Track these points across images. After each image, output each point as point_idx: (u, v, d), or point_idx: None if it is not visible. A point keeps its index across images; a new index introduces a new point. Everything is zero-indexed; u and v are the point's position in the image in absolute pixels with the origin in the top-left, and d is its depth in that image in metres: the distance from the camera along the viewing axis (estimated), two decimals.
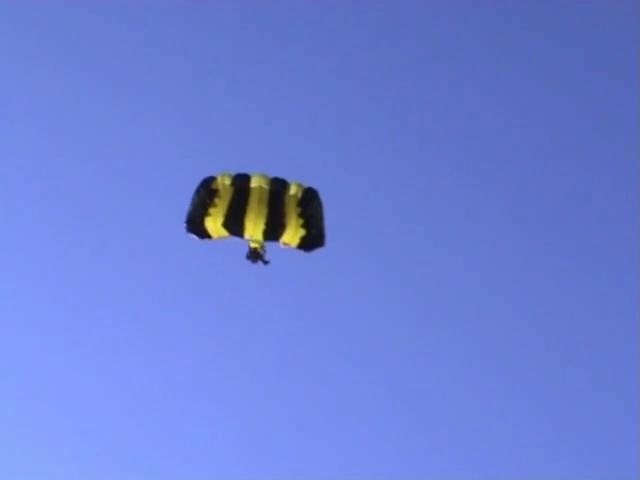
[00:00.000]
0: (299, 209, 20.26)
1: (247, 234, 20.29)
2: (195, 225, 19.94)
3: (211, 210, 19.90)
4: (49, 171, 32.26)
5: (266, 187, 20.43)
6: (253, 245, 20.38)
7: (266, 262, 20.32)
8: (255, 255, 20.51)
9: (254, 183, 20.61)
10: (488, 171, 32.64)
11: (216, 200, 20.06)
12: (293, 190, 20.49)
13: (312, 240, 20.49)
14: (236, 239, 20.38)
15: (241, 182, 20.46)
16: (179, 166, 30.58)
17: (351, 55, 33.13)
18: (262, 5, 32.94)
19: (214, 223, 19.96)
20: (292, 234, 20.49)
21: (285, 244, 20.61)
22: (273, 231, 20.27)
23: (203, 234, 20.08)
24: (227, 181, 20.47)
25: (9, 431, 30.13)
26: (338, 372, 30.56)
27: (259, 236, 19.94)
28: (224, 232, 20.29)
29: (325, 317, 31.02)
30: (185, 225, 19.84)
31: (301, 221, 20.47)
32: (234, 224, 20.15)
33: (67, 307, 31.40)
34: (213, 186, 20.31)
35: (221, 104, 32.66)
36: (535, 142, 32.29)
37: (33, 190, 31.92)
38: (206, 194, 20.21)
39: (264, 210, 19.66)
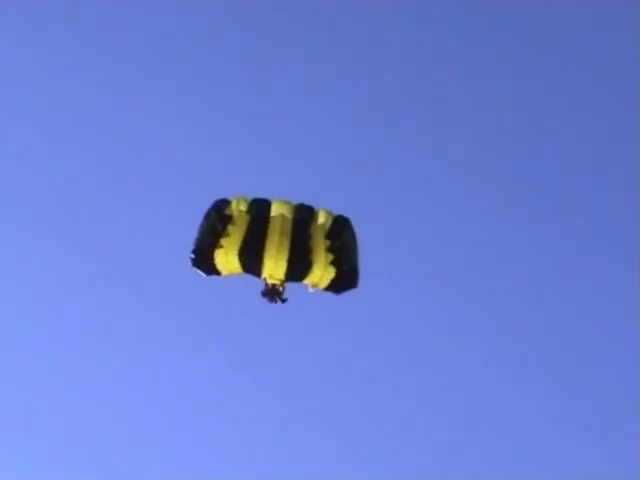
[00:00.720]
0: (328, 242, 16.89)
1: (266, 273, 16.93)
2: (203, 257, 16.74)
3: (223, 241, 16.62)
4: (53, 180, 31.10)
5: (289, 216, 17.03)
6: (271, 282, 17.12)
7: (284, 300, 17.09)
8: (273, 293, 17.18)
9: (275, 211, 17.16)
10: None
11: (229, 228, 16.74)
12: (321, 219, 17.08)
13: (344, 280, 17.11)
14: (250, 277, 17.00)
15: (259, 209, 17.11)
16: (189, 184, 29.06)
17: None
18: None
19: (225, 256, 16.65)
20: (320, 273, 17.00)
21: (312, 286, 17.39)
22: (297, 270, 16.89)
23: (211, 269, 16.82)
24: (243, 207, 17.05)
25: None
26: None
27: (280, 275, 16.73)
28: (237, 268, 16.92)
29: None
30: (192, 257, 16.72)
31: (331, 257, 17.00)
32: (250, 260, 16.74)
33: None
34: (227, 211, 16.96)
35: (239, 122, 31.00)
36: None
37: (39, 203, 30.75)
38: (217, 220, 16.91)
39: (286, 244, 16.55)
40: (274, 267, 16.71)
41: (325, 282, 17.02)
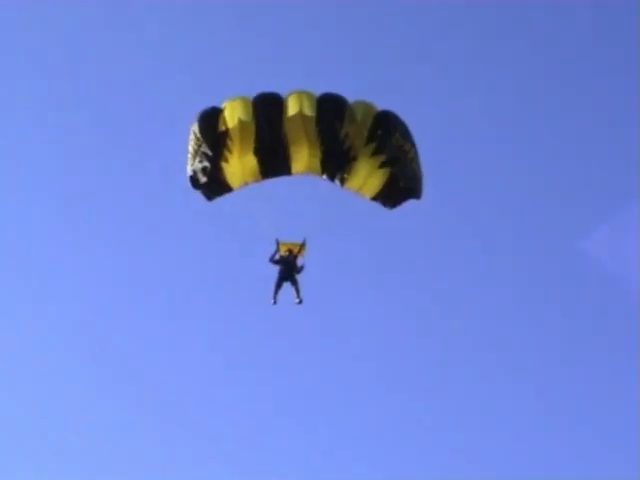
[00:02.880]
0: (373, 145, 13.89)
1: (297, 167, 13.98)
2: (204, 177, 14.18)
3: (226, 154, 13.89)
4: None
5: (311, 114, 13.93)
6: (284, 249, 14.87)
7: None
8: (285, 262, 14.84)
9: (292, 109, 14.03)
10: None
11: (230, 145, 13.93)
12: (359, 115, 14.07)
13: (404, 185, 13.95)
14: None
15: (268, 111, 14.01)
16: None
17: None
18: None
19: (239, 160, 13.90)
20: (365, 174, 13.99)
21: (358, 191, 14.11)
22: (336, 163, 13.81)
23: (217, 186, 14.14)
24: (243, 113, 13.93)
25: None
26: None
27: (316, 169, 13.94)
28: (254, 173, 14.07)
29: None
30: (190, 178, 14.29)
31: (377, 158, 13.88)
32: (272, 155, 13.89)
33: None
34: (219, 127, 14.01)
35: None
36: None
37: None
38: (208, 143, 14.00)
39: (315, 140, 13.82)
40: (307, 160, 13.85)
41: (374, 188, 14.10)
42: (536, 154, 29.59)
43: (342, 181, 13.75)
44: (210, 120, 13.86)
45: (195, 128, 13.92)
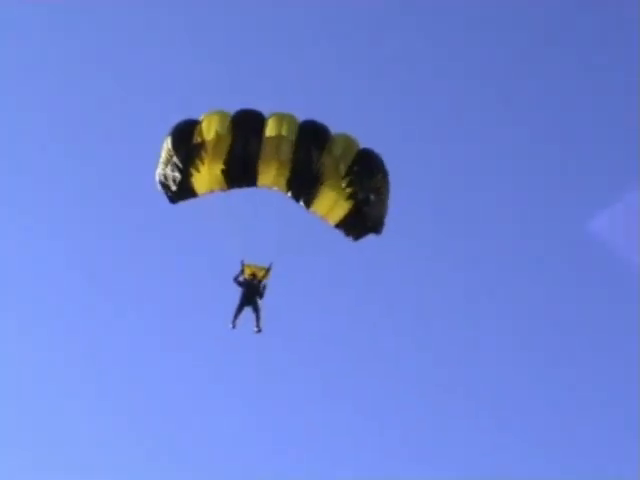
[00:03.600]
0: (347, 179, 13.88)
1: (263, 180, 13.98)
2: (171, 185, 14.25)
3: (197, 163, 13.99)
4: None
5: (290, 137, 13.94)
6: (249, 272, 14.62)
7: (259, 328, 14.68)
8: (248, 286, 14.59)
9: (271, 130, 14.06)
10: None
11: (203, 155, 13.99)
12: (338, 149, 13.99)
13: (364, 218, 13.93)
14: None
15: (246, 126, 14.03)
16: None
17: None
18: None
19: (208, 168, 13.94)
20: (332, 200, 13.99)
21: (323, 216, 14.11)
22: (303, 185, 13.87)
23: (182, 190, 14.11)
24: (219, 127, 14.02)
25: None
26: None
27: (282, 186, 13.94)
28: (218, 183, 14.08)
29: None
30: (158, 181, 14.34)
31: (348, 190, 13.90)
32: (240, 167, 13.86)
33: None
34: (195, 139, 14.06)
35: None
36: None
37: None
38: (183, 153, 14.03)
39: (288, 159, 13.84)
40: (275, 176, 13.83)
41: (338, 216, 14.05)
42: (539, 136, 29.43)
43: (307, 203, 13.70)
44: (184, 133, 13.87)
45: (168, 141, 13.93)
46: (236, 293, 14.66)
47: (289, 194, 13.81)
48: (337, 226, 13.85)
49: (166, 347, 27.26)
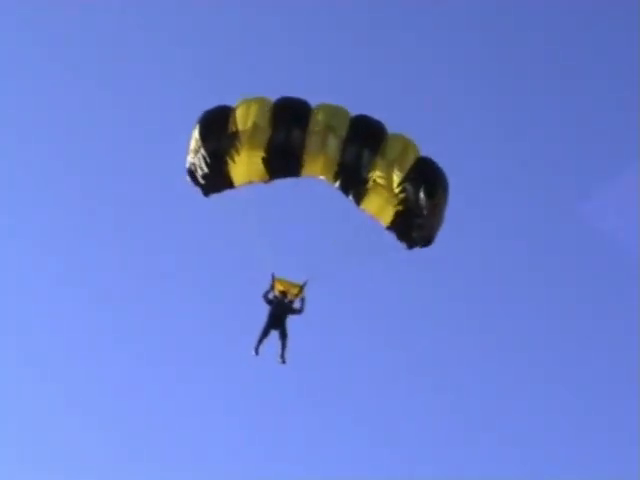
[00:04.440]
0: (401, 188, 12.39)
1: (308, 172, 12.58)
2: (203, 174, 12.75)
3: (233, 153, 12.46)
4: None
5: (340, 133, 12.35)
6: (280, 288, 13.04)
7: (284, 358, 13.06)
8: (278, 306, 12.99)
9: (317, 124, 12.41)
10: None
11: (238, 146, 12.45)
12: (394, 152, 12.46)
13: (413, 225, 12.48)
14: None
15: (287, 122, 12.50)
16: None
17: None
18: None
19: (242, 165, 12.54)
20: (383, 200, 12.54)
21: (374, 215, 12.69)
22: (351, 179, 12.43)
23: (217, 183, 12.71)
24: (258, 117, 12.46)
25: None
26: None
27: (330, 179, 12.53)
28: (258, 173, 12.65)
29: None
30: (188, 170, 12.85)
31: (401, 196, 12.45)
32: (282, 158, 12.45)
33: None
34: (229, 128, 12.53)
35: None
36: None
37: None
38: (215, 143, 12.57)
39: (335, 156, 12.37)
40: (322, 166, 12.40)
41: (390, 215, 12.60)
42: (536, 115, 28.89)
43: (357, 199, 12.26)
44: (216, 121, 12.37)
45: (197, 131, 12.45)
46: (234, 299, 14.02)
47: (337, 186, 12.36)
48: (388, 229, 12.36)
49: (166, 347, 26.50)
